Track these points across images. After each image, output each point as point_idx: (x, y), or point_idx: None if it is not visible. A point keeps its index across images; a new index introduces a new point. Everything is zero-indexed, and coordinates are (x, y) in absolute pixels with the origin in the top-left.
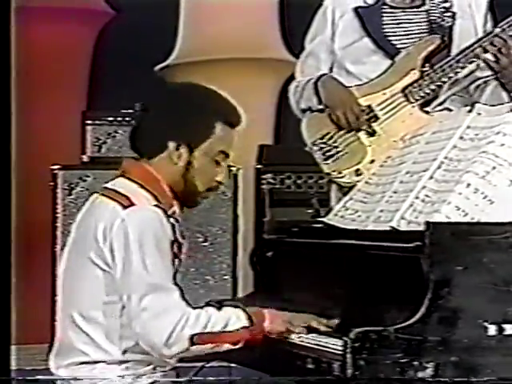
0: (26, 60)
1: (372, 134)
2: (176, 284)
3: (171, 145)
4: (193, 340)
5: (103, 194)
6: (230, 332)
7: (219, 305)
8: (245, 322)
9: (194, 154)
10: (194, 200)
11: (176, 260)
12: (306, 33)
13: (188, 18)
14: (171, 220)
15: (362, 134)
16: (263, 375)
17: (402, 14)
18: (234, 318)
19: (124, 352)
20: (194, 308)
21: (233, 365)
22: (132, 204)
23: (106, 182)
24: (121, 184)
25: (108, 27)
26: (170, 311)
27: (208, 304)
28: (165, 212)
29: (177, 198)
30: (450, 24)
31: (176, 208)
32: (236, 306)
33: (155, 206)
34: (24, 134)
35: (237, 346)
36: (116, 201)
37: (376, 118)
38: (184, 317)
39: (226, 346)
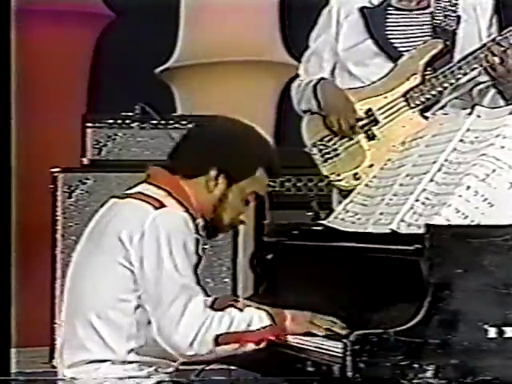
0: (26, 63)
1: (372, 137)
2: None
3: (212, 172)
4: (217, 341)
5: (129, 196)
6: (253, 332)
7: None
8: (267, 322)
9: (231, 187)
10: (215, 232)
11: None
12: (310, 33)
13: (188, 20)
14: (196, 235)
15: (361, 138)
16: (260, 377)
17: (407, 16)
18: (257, 318)
19: (129, 352)
20: (216, 310)
21: (233, 367)
22: (163, 206)
23: (107, 185)
24: (148, 189)
25: (108, 30)
26: (196, 313)
27: (231, 305)
28: (193, 219)
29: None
30: (454, 28)
31: (200, 220)
32: (258, 307)
33: (185, 211)
34: (24, 136)
35: (260, 346)
36: (146, 202)
37: (376, 121)
38: (208, 319)
39: (250, 346)
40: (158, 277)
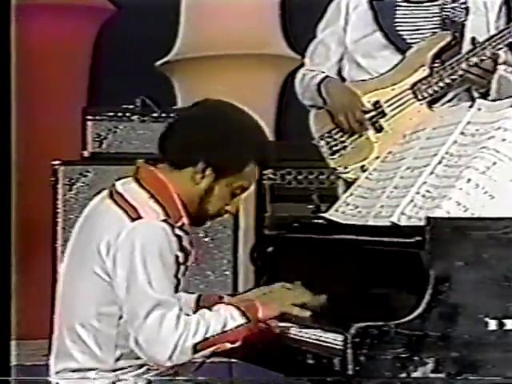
0: (27, 56)
1: (379, 130)
2: (176, 291)
3: (200, 165)
4: (196, 348)
5: (112, 198)
6: (228, 332)
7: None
8: (240, 320)
9: (218, 181)
10: (201, 221)
11: (181, 268)
12: (310, 25)
13: (189, 13)
14: (179, 232)
15: (369, 130)
16: (263, 370)
17: (416, 8)
18: (230, 319)
19: (117, 359)
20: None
21: (233, 360)
22: (139, 217)
23: (108, 178)
24: (131, 191)
25: (109, 23)
26: (172, 327)
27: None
28: (172, 227)
29: (187, 212)
30: (462, 20)
31: (185, 219)
32: (229, 304)
33: (163, 220)
34: (25, 129)
35: (236, 344)
36: (124, 210)
37: (384, 114)
38: (185, 330)
39: (227, 346)
40: (131, 291)
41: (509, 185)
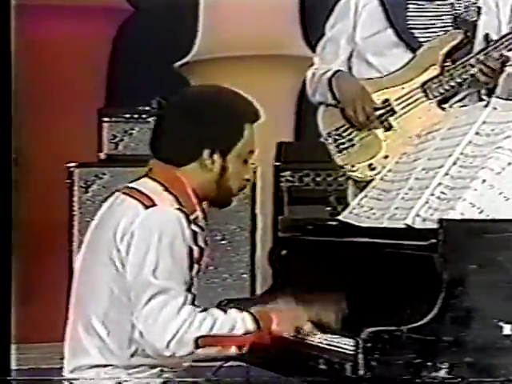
0: (45, 58)
1: (388, 128)
2: (189, 290)
3: (205, 152)
4: (198, 343)
5: (126, 193)
6: (235, 336)
7: (227, 306)
8: (251, 327)
9: (227, 158)
10: (227, 202)
11: (196, 266)
12: (328, 19)
13: (208, 14)
14: (194, 227)
15: (377, 128)
16: (276, 375)
17: (427, 6)
18: (240, 322)
19: (132, 355)
20: (201, 311)
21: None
22: (154, 204)
23: (124, 180)
24: (145, 184)
25: (126, 24)
26: (174, 315)
27: (218, 305)
28: (187, 216)
29: (202, 202)
30: (474, 19)
31: (199, 213)
32: (242, 309)
33: (177, 209)
34: (41, 131)
35: (243, 351)
36: (138, 200)
37: (393, 112)
38: (188, 320)
39: (232, 350)
40: (137, 276)
41: None
